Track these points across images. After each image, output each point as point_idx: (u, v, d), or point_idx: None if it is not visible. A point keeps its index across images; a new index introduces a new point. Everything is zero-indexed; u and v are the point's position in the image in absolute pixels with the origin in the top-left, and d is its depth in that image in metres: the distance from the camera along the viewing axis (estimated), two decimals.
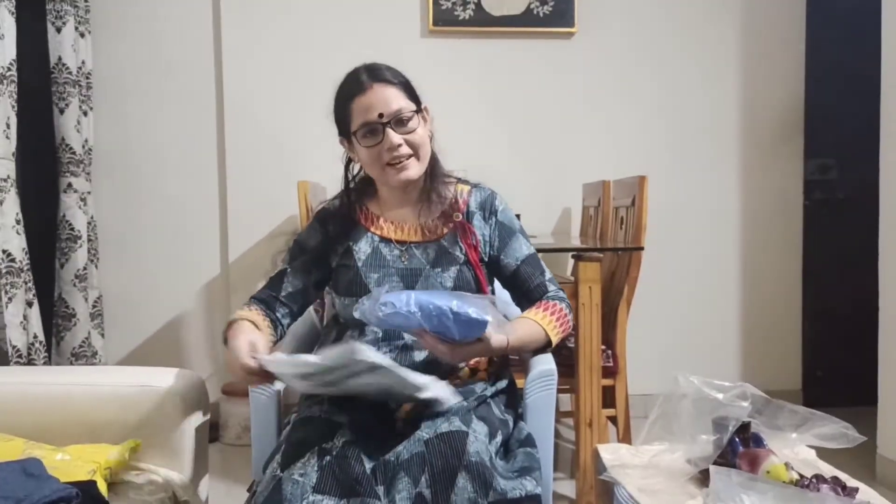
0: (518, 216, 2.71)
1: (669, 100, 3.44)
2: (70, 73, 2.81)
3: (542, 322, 1.47)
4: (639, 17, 3.42)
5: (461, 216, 1.54)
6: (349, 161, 1.60)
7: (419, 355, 1.43)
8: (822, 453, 1.43)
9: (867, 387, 2.71)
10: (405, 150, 1.45)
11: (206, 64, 3.27)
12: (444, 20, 3.29)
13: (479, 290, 1.51)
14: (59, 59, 2.79)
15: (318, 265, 1.57)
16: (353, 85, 1.46)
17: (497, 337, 1.32)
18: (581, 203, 3.36)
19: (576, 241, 2.96)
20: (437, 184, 1.55)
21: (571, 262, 2.58)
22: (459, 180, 1.61)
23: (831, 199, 3.48)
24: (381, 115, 1.43)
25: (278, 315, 1.53)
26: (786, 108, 3.49)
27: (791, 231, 3.51)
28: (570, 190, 3.39)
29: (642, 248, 2.51)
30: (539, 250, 1.62)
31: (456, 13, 3.29)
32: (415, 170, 1.48)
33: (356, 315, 1.27)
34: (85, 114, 2.96)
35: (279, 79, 3.28)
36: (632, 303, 2.69)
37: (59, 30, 2.78)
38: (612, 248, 2.70)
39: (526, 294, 1.56)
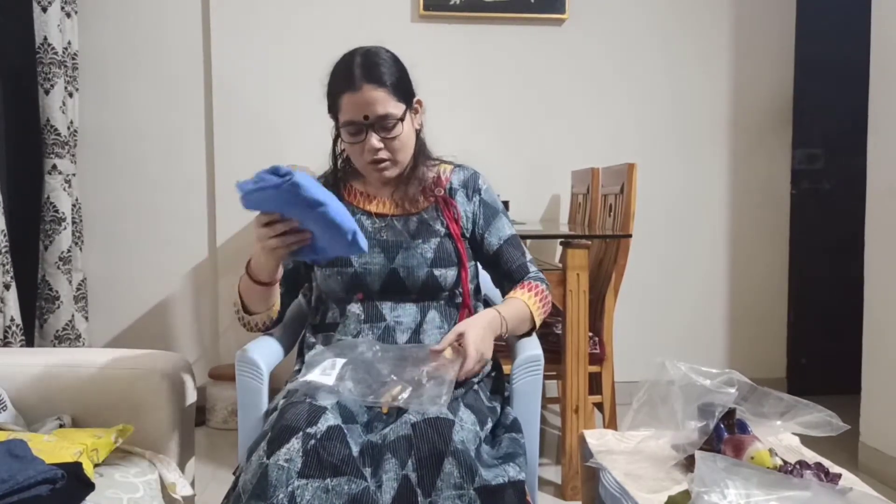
0: (507, 202, 2.69)
1: (659, 88, 3.44)
2: (56, 53, 2.77)
3: (528, 302, 1.54)
4: (629, 5, 3.41)
5: (443, 191, 1.58)
6: (338, 135, 1.61)
7: (401, 336, 1.47)
8: (806, 440, 1.44)
9: (851, 375, 2.74)
10: (384, 154, 1.49)
11: (195, 45, 3.24)
12: (435, 5, 3.27)
13: (460, 263, 1.55)
14: (45, 39, 2.74)
15: None
16: (346, 79, 1.45)
17: (489, 314, 1.45)
18: (570, 190, 3.37)
19: (564, 228, 2.97)
20: (419, 166, 1.58)
21: (559, 248, 2.58)
22: (443, 161, 1.64)
23: (818, 189, 3.51)
24: (365, 118, 1.45)
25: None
26: (775, 98, 3.50)
27: (778, 220, 3.53)
28: (559, 177, 3.39)
29: (630, 236, 2.51)
30: (527, 237, 1.63)
31: None
32: (393, 172, 1.53)
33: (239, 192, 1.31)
34: (70, 95, 2.92)
35: (268, 60, 3.25)
36: (619, 290, 2.69)
37: (44, 9, 2.74)
38: (600, 236, 2.70)
39: (507, 274, 1.60)
